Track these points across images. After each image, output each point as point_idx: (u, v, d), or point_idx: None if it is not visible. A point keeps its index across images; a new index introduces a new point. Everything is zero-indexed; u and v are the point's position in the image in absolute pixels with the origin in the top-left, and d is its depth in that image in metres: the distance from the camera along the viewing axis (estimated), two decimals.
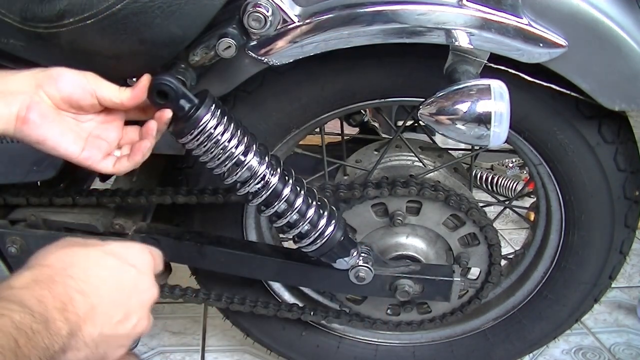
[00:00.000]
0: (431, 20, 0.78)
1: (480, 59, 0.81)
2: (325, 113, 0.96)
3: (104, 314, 0.58)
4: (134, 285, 0.63)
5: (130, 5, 0.72)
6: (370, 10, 0.78)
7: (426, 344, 1.20)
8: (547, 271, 1.08)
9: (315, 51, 0.81)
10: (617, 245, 1.01)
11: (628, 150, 0.94)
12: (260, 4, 0.76)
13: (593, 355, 1.37)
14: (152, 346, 1.37)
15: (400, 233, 1.06)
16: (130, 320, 0.61)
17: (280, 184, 0.80)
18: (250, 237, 1.09)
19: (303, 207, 0.84)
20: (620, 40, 0.80)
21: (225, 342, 1.39)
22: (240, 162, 0.80)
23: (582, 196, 0.97)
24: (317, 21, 0.79)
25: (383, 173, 1.08)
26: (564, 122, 0.92)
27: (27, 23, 0.74)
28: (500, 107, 0.72)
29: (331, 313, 1.10)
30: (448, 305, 1.10)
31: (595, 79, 0.83)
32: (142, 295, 0.64)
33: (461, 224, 1.04)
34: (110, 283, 0.60)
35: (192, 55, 0.81)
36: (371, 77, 0.92)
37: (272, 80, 0.91)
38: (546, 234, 1.07)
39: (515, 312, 1.14)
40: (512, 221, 1.97)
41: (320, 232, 0.86)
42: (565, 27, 0.79)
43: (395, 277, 0.99)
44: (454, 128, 0.74)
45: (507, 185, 2.07)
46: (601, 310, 1.51)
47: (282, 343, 1.19)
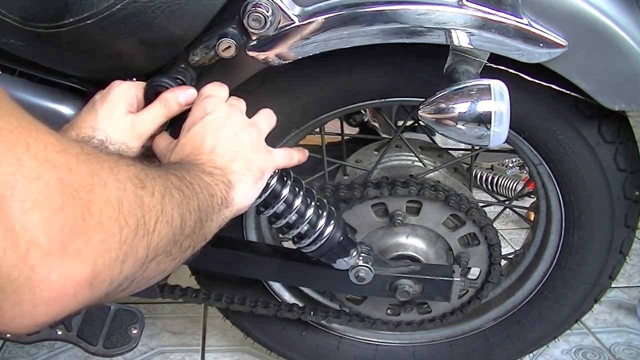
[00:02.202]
0: (431, 20, 0.78)
1: (480, 59, 0.81)
2: (325, 113, 0.96)
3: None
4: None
5: (130, 5, 0.72)
6: (370, 10, 0.78)
7: (426, 344, 1.20)
8: (547, 271, 1.08)
9: (315, 51, 0.81)
10: (617, 245, 1.01)
11: (628, 150, 0.94)
12: (260, 4, 0.76)
13: (593, 355, 1.37)
14: (152, 346, 1.37)
15: (400, 233, 1.06)
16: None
17: (279, 185, 0.80)
18: (250, 237, 1.09)
19: (302, 208, 0.84)
20: (620, 40, 0.80)
21: (225, 342, 1.39)
22: None
23: (582, 196, 0.97)
24: (317, 21, 0.79)
25: (383, 173, 1.08)
26: (564, 122, 0.92)
27: (27, 23, 0.74)
28: (500, 107, 0.72)
29: (331, 313, 1.10)
30: (448, 305, 1.11)
31: (596, 79, 0.83)
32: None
33: (461, 224, 1.04)
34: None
35: (192, 55, 0.81)
36: (371, 77, 0.92)
37: (272, 80, 0.91)
38: (546, 234, 1.07)
39: (515, 312, 1.14)
40: (512, 221, 1.97)
41: (320, 233, 0.86)
42: (565, 27, 0.79)
43: (395, 277, 0.99)
44: (454, 128, 0.74)
45: (507, 185, 2.07)
46: (601, 310, 1.51)
47: (282, 343, 1.19)
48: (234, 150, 0.70)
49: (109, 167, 0.46)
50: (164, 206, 0.51)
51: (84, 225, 0.41)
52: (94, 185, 0.43)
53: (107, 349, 1.02)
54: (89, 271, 0.41)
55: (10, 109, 0.39)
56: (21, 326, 0.40)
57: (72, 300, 0.41)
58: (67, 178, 0.40)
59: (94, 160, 0.45)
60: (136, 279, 0.49)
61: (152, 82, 0.75)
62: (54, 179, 0.39)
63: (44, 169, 0.39)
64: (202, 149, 0.69)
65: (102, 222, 0.42)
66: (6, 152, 0.37)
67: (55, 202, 0.39)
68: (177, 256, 0.55)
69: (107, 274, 0.43)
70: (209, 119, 0.71)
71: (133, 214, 0.46)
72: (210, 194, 0.62)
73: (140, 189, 0.48)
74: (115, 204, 0.44)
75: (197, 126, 0.71)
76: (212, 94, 0.75)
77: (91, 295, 0.42)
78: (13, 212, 0.37)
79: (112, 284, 0.44)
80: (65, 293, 0.40)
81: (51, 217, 0.39)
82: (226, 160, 0.69)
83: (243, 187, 0.69)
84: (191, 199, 0.57)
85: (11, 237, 0.37)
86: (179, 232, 0.54)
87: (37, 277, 0.38)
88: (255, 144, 0.74)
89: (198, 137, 0.70)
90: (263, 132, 0.77)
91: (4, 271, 0.37)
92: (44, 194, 0.38)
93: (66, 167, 0.41)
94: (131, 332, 1.03)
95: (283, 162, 0.79)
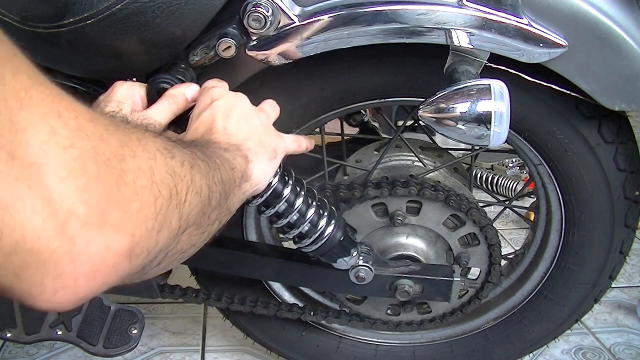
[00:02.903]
0: (431, 20, 0.78)
1: (480, 59, 0.81)
2: (325, 113, 0.96)
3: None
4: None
5: (130, 5, 0.72)
6: (370, 10, 0.78)
7: (426, 344, 1.20)
8: (547, 271, 1.08)
9: (315, 51, 0.81)
10: (617, 245, 1.01)
11: (628, 150, 0.94)
12: (260, 4, 0.76)
13: (593, 355, 1.37)
14: (152, 346, 1.37)
15: (400, 233, 1.06)
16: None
17: (280, 184, 0.80)
18: (250, 237, 1.09)
19: (303, 208, 0.84)
20: (620, 40, 0.80)
21: (225, 342, 1.39)
22: None
23: (582, 196, 0.97)
24: (317, 21, 0.79)
25: (383, 173, 1.08)
26: (564, 122, 0.92)
27: (27, 23, 0.74)
28: (501, 107, 0.72)
29: (331, 313, 1.10)
30: (448, 305, 1.11)
31: (596, 79, 0.83)
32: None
33: (461, 224, 1.04)
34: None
35: (192, 55, 0.81)
36: (371, 77, 0.92)
37: (272, 80, 0.91)
38: (546, 234, 1.07)
39: (515, 312, 1.14)
40: (512, 221, 1.97)
41: (320, 232, 0.86)
42: (565, 27, 0.79)
43: (395, 277, 0.99)
44: (454, 128, 0.74)
45: (507, 185, 2.07)
46: (601, 310, 1.51)
47: (282, 343, 1.19)
48: (246, 131, 0.71)
49: (137, 138, 0.45)
50: (193, 176, 0.51)
51: (120, 195, 0.40)
52: (124, 155, 0.42)
53: (107, 349, 1.02)
54: (127, 242, 0.40)
55: (40, 78, 0.39)
56: (63, 301, 0.39)
57: (112, 272, 0.40)
58: (100, 147, 0.40)
59: (123, 132, 0.44)
60: (170, 252, 0.49)
61: (155, 80, 0.75)
62: (87, 147, 0.39)
63: (77, 137, 0.38)
64: (215, 129, 0.69)
65: (137, 192, 0.42)
66: (39, 120, 0.37)
67: (91, 170, 0.38)
68: (205, 229, 0.55)
69: (144, 245, 0.42)
70: (217, 104, 0.71)
71: (166, 184, 0.45)
72: (230, 167, 0.62)
73: (170, 158, 0.48)
74: (147, 174, 0.43)
75: (206, 112, 0.71)
76: (216, 84, 0.76)
77: (130, 268, 0.42)
78: (49, 181, 0.36)
79: (149, 256, 0.44)
80: (106, 265, 0.39)
81: (88, 186, 0.38)
82: (240, 138, 0.69)
83: (260, 162, 0.70)
84: (215, 170, 0.57)
85: (49, 206, 0.36)
86: (207, 204, 0.54)
87: (77, 249, 0.37)
88: (266, 127, 0.75)
89: (209, 120, 0.70)
90: (271, 118, 0.78)
91: (43, 242, 0.36)
92: (79, 162, 0.38)
93: (97, 137, 0.40)
94: (131, 332, 1.03)
95: (293, 147, 0.80)
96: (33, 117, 0.36)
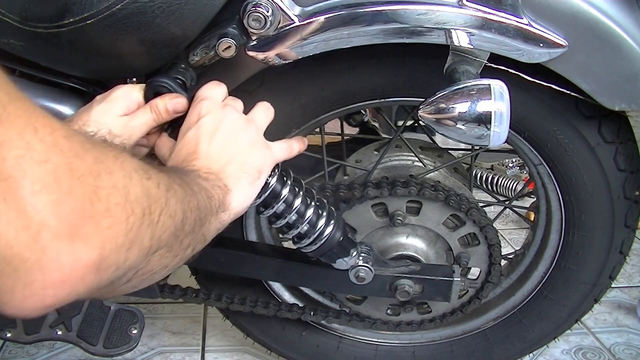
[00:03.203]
0: (431, 20, 0.78)
1: (480, 59, 0.81)
2: (325, 113, 0.96)
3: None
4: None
5: (130, 5, 0.72)
6: (370, 10, 0.78)
7: (426, 344, 1.20)
8: (547, 271, 1.08)
9: (315, 51, 0.81)
10: (617, 245, 1.01)
11: (628, 150, 0.94)
12: (260, 4, 0.76)
13: (593, 355, 1.37)
14: (152, 346, 1.37)
15: (400, 233, 1.06)
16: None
17: (279, 185, 0.80)
18: (250, 237, 1.09)
19: (302, 208, 0.84)
20: (620, 40, 0.80)
21: (225, 342, 1.39)
22: None
23: (582, 196, 0.97)
24: (317, 21, 0.79)
25: (383, 173, 1.08)
26: (564, 122, 0.92)
27: (27, 23, 0.73)
28: (501, 107, 0.72)
29: (331, 313, 1.10)
30: (448, 305, 1.11)
31: (595, 79, 0.83)
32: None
33: (461, 224, 1.04)
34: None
35: (192, 55, 0.81)
36: (371, 77, 0.92)
37: (272, 80, 0.91)
38: (546, 234, 1.07)
39: (515, 312, 1.14)
40: (512, 221, 1.97)
41: (320, 233, 0.86)
42: (565, 27, 0.79)
43: (395, 277, 0.99)
44: (454, 128, 0.74)
45: (507, 185, 2.07)
46: (601, 310, 1.51)
47: (282, 343, 1.19)
48: (229, 154, 0.70)
49: (113, 156, 0.46)
50: (169, 199, 0.52)
51: (92, 210, 0.41)
52: (100, 172, 0.43)
53: (107, 349, 1.02)
54: (96, 255, 0.42)
55: (17, 94, 0.40)
56: (30, 307, 0.41)
57: (80, 283, 0.41)
58: (75, 163, 0.41)
59: (99, 149, 0.45)
60: (140, 271, 0.50)
61: (152, 82, 0.75)
62: (62, 162, 0.40)
63: (52, 152, 0.40)
64: (197, 154, 0.69)
65: (110, 208, 0.43)
66: (16, 135, 0.38)
67: (64, 185, 0.40)
68: (178, 253, 0.56)
69: (113, 260, 0.44)
70: (203, 122, 0.72)
71: (140, 203, 0.46)
72: (208, 196, 0.63)
73: (146, 179, 0.49)
74: (122, 192, 0.45)
75: (191, 131, 0.72)
76: (207, 96, 0.75)
77: (98, 280, 0.43)
78: (24, 194, 0.38)
79: (118, 271, 0.45)
80: (74, 275, 0.41)
81: (60, 200, 0.39)
82: (221, 164, 0.69)
83: (239, 189, 0.70)
84: (191, 197, 0.58)
85: (23, 218, 0.38)
86: (180, 228, 0.55)
87: (47, 259, 0.39)
88: (253, 143, 0.74)
89: (192, 142, 0.70)
90: (261, 128, 0.77)
91: (16, 251, 0.38)
92: (53, 177, 0.39)
93: (73, 153, 0.42)
94: (131, 332, 1.03)
95: (283, 156, 0.79)
96: (10, 133, 0.38)
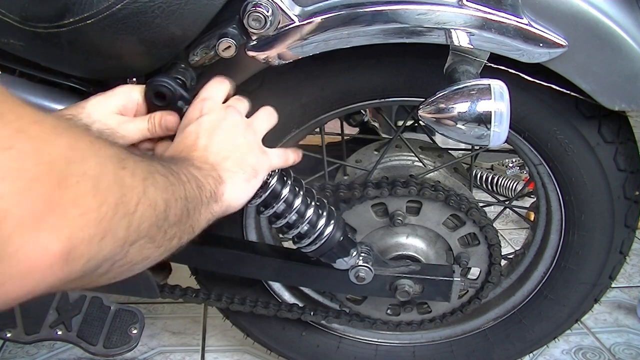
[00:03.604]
0: (431, 20, 0.78)
1: (480, 59, 0.81)
2: (325, 113, 0.96)
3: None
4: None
5: (130, 5, 0.72)
6: (370, 10, 0.78)
7: (426, 344, 1.20)
8: (547, 271, 1.08)
9: (315, 51, 0.81)
10: (617, 245, 1.01)
11: (628, 150, 0.94)
12: (260, 4, 0.76)
13: (593, 355, 1.37)
14: (152, 346, 1.37)
15: (400, 233, 1.06)
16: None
17: (279, 185, 0.80)
18: (250, 237, 1.09)
19: (302, 208, 0.84)
20: (620, 40, 0.80)
21: (225, 342, 1.39)
22: None
23: (582, 196, 0.97)
24: (317, 21, 0.79)
25: (383, 173, 1.08)
26: (564, 122, 0.92)
27: (27, 23, 0.74)
28: (500, 107, 0.72)
29: (331, 313, 1.10)
30: (448, 305, 1.11)
31: (595, 79, 0.83)
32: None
33: (461, 224, 1.04)
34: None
35: (192, 55, 0.81)
36: (371, 77, 0.92)
37: (272, 80, 0.91)
38: (546, 234, 1.07)
39: (515, 312, 1.14)
40: (512, 221, 1.97)
41: (320, 233, 0.86)
42: (565, 27, 0.79)
43: (395, 277, 0.99)
44: (454, 128, 0.74)
45: (507, 185, 2.07)
46: (601, 310, 1.51)
47: (282, 343, 1.19)
48: (227, 150, 0.70)
49: (89, 141, 0.45)
50: (146, 188, 0.50)
51: (60, 198, 0.40)
52: (71, 158, 0.42)
53: (107, 349, 1.02)
54: (64, 245, 0.40)
55: None
56: None
57: (48, 274, 0.40)
58: (43, 149, 0.40)
59: (72, 135, 0.44)
60: (117, 262, 0.48)
61: (152, 82, 0.75)
62: (28, 149, 0.39)
63: (17, 139, 0.38)
64: (195, 146, 0.69)
65: (79, 196, 0.41)
66: None
67: (30, 172, 0.38)
68: (161, 244, 0.54)
69: (84, 250, 0.42)
70: (204, 119, 0.72)
71: (112, 192, 0.45)
72: (197, 186, 0.62)
73: (121, 168, 0.47)
74: (94, 179, 0.43)
75: (191, 126, 0.71)
76: (209, 96, 0.75)
77: (68, 271, 0.41)
78: None
79: (90, 262, 0.43)
80: (40, 266, 0.39)
81: (25, 188, 0.38)
82: (219, 158, 0.69)
83: (234, 183, 0.69)
84: (177, 186, 0.57)
85: None
86: (163, 218, 0.53)
87: (11, 249, 0.37)
88: (251, 146, 0.74)
89: (192, 136, 0.70)
90: (260, 133, 0.77)
91: None
92: (17, 164, 0.37)
93: (42, 138, 0.40)
94: (131, 332, 1.03)
95: (279, 163, 0.80)
96: None
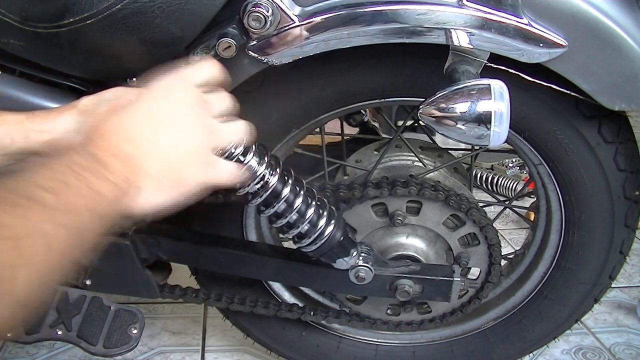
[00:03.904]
0: (431, 20, 0.78)
1: (480, 59, 0.81)
2: (325, 113, 0.96)
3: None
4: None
5: (130, 5, 0.72)
6: (370, 10, 0.78)
7: (426, 344, 1.20)
8: (547, 271, 1.08)
9: (315, 51, 0.81)
10: (617, 245, 1.01)
11: (628, 150, 0.94)
12: (260, 4, 0.76)
13: (593, 355, 1.37)
14: (152, 346, 1.37)
15: (400, 233, 1.06)
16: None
17: (279, 184, 0.80)
18: (250, 237, 1.09)
19: (302, 208, 0.84)
20: (620, 40, 0.80)
21: (225, 342, 1.39)
22: (239, 162, 0.80)
23: (582, 196, 0.97)
24: (317, 21, 0.79)
25: (383, 173, 1.08)
26: (564, 122, 0.92)
27: (27, 23, 0.74)
28: (501, 107, 0.72)
29: (331, 313, 1.10)
30: (448, 305, 1.10)
31: (596, 79, 0.83)
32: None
33: (461, 224, 1.04)
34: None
35: (192, 55, 0.81)
36: (371, 77, 0.92)
37: (272, 80, 0.91)
38: (546, 234, 1.07)
39: (515, 312, 1.14)
40: (512, 221, 1.97)
41: (320, 232, 0.86)
42: (565, 27, 0.79)
43: (395, 277, 0.99)
44: (454, 128, 0.74)
45: (507, 185, 2.07)
46: (601, 310, 1.51)
47: (282, 343, 1.19)
48: (159, 149, 0.61)
49: None
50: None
51: None
52: None
53: (107, 349, 1.02)
54: None
55: None
56: None
57: None
58: None
59: None
60: None
61: None
62: None
63: None
64: (120, 136, 0.59)
65: None
66: None
67: None
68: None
69: None
70: (144, 105, 0.62)
71: None
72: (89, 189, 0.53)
73: None
74: None
75: (134, 108, 0.61)
76: (179, 77, 0.66)
77: None
78: None
79: None
80: None
81: None
82: (139, 155, 0.59)
83: (147, 189, 0.60)
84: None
85: None
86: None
87: None
88: (196, 154, 0.64)
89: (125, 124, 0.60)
90: (218, 144, 0.68)
91: None
92: None
93: None
94: (131, 332, 1.03)
95: (223, 179, 0.68)
96: None
